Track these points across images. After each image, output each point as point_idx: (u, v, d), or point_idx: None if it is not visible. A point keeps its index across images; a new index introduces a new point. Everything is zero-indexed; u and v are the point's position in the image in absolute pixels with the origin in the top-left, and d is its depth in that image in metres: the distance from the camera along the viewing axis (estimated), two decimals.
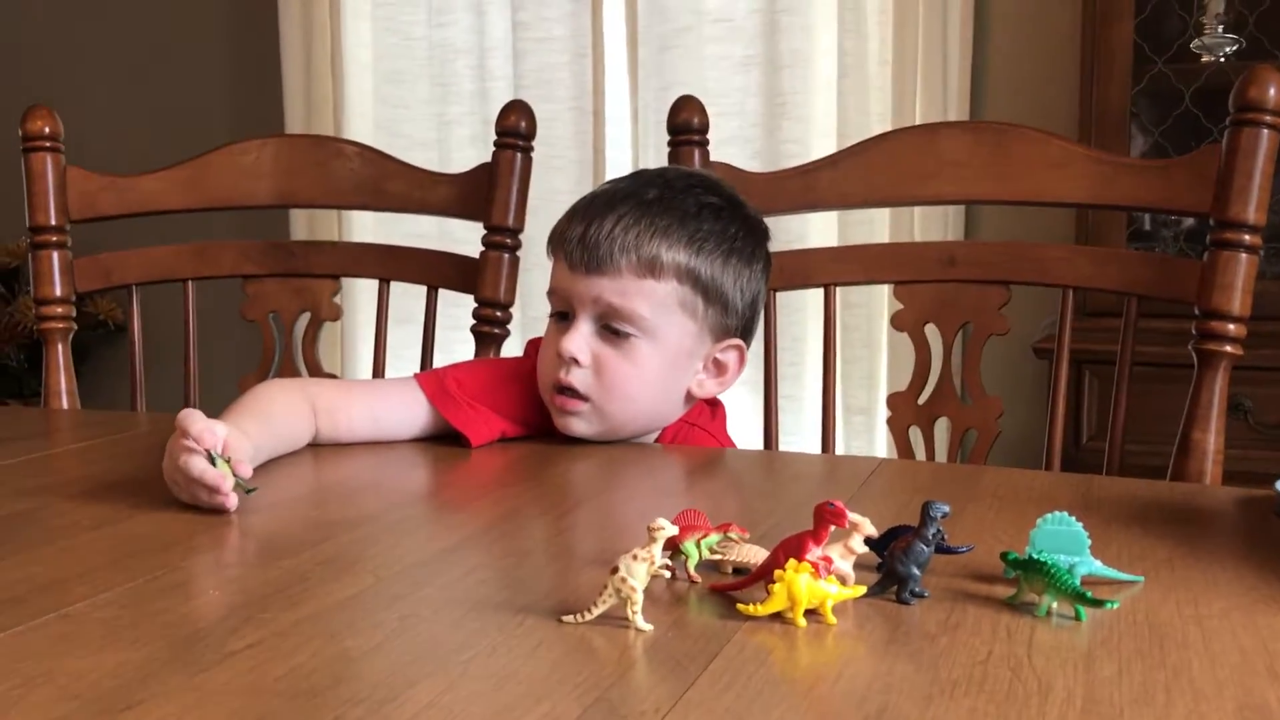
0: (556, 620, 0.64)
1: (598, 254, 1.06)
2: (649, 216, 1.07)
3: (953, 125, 1.63)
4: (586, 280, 1.07)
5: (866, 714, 0.53)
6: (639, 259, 1.06)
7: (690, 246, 1.07)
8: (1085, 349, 1.77)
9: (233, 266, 1.55)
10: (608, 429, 1.11)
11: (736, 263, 1.10)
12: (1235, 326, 1.16)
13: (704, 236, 1.08)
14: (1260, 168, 1.15)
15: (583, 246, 1.07)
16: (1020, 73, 2.32)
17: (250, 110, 2.86)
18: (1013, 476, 0.99)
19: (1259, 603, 0.68)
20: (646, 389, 1.10)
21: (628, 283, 1.06)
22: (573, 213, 1.11)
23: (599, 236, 1.06)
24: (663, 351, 1.08)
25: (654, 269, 1.06)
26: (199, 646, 0.61)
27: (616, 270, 1.06)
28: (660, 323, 1.07)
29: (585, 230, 1.07)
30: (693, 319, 1.09)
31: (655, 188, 1.09)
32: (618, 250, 1.05)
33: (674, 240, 1.06)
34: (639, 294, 1.06)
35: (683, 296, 1.07)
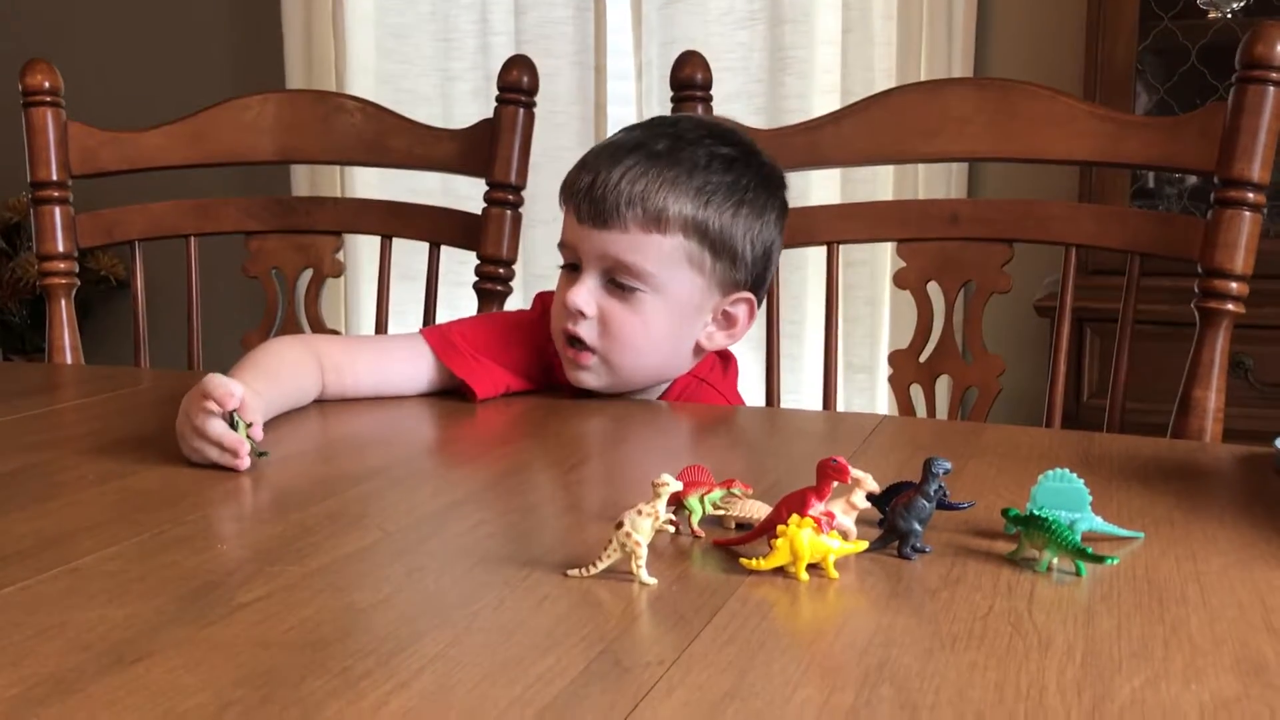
0: (562, 574, 0.65)
1: (604, 207, 1.05)
2: (656, 168, 1.06)
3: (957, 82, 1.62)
4: (593, 234, 1.06)
5: (867, 667, 0.54)
6: (645, 212, 1.05)
7: (698, 199, 1.06)
8: (1087, 307, 1.77)
9: (235, 223, 1.55)
10: (616, 381, 1.11)
11: (747, 214, 1.09)
12: (1238, 285, 1.16)
13: (713, 189, 1.07)
14: (1266, 125, 1.14)
15: (590, 199, 1.06)
16: (1026, 29, 2.31)
17: (251, 65, 2.85)
18: (1014, 434, 1.00)
19: (1257, 559, 0.69)
20: (654, 343, 1.09)
21: (634, 237, 1.05)
22: (583, 163, 1.11)
23: (605, 189, 1.05)
24: (670, 306, 1.08)
25: (660, 223, 1.05)
26: (208, 599, 0.62)
27: (622, 224, 1.05)
28: (667, 277, 1.07)
29: (593, 182, 1.06)
30: (700, 273, 1.08)
31: (666, 138, 1.08)
32: (624, 204, 1.05)
33: (681, 193, 1.05)
34: (645, 248, 1.05)
35: (690, 250, 1.07)
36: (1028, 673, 0.53)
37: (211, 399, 0.86)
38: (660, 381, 1.15)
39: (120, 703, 0.50)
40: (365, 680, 0.52)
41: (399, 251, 1.52)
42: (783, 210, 1.15)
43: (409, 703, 0.50)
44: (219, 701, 0.50)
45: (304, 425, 1.03)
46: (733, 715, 0.49)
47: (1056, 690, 0.52)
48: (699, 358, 1.15)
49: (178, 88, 2.82)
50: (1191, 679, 0.53)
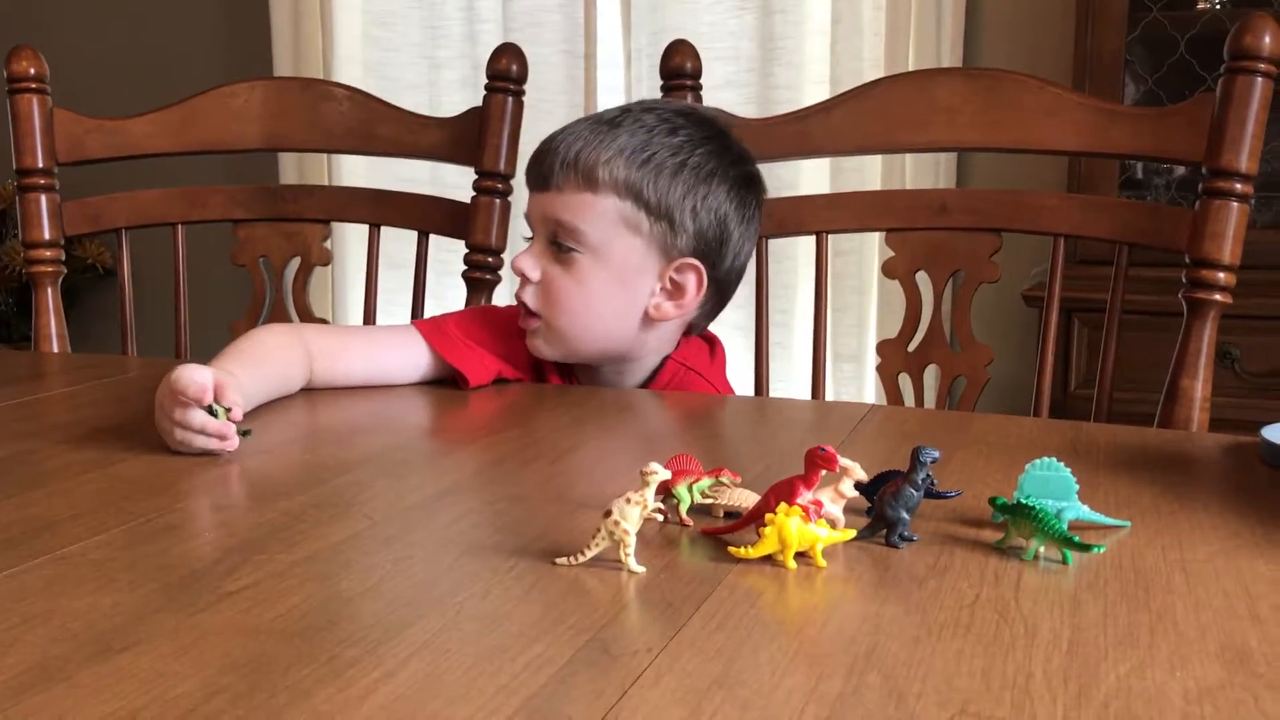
0: (550, 563, 0.65)
1: (543, 170, 1.09)
2: (599, 134, 1.08)
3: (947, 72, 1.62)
4: (538, 198, 1.11)
5: (855, 655, 0.54)
6: (579, 173, 1.07)
7: (633, 160, 1.07)
8: (1075, 297, 1.78)
9: (222, 211, 1.54)
10: (565, 349, 1.13)
11: (689, 178, 1.08)
12: (1225, 275, 1.16)
13: (651, 150, 1.08)
14: (1253, 116, 1.14)
15: (536, 165, 1.10)
16: (1015, 19, 2.31)
17: (238, 53, 2.83)
18: (1002, 423, 1.00)
19: (1242, 548, 0.69)
20: (593, 308, 1.10)
21: (568, 197, 1.08)
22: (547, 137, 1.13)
23: (546, 153, 1.09)
24: (608, 269, 1.09)
25: (593, 183, 1.07)
26: (194, 588, 0.62)
27: (559, 186, 1.08)
28: (603, 239, 1.08)
29: (540, 149, 1.10)
30: (638, 235, 1.09)
31: (625, 110, 1.11)
32: (560, 166, 1.08)
33: (615, 154, 1.07)
34: (579, 208, 1.08)
35: (625, 212, 1.08)
36: (1014, 661, 0.53)
37: (184, 395, 0.86)
38: (615, 353, 1.15)
39: (107, 691, 0.50)
40: (353, 668, 0.52)
41: (387, 240, 1.52)
42: (745, 185, 1.14)
43: (396, 690, 0.50)
44: (206, 689, 0.50)
45: (290, 413, 1.03)
46: (720, 703, 0.49)
47: (1043, 678, 0.52)
48: (657, 331, 1.15)
49: (165, 75, 2.80)
50: (1176, 666, 0.53)
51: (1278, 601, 0.61)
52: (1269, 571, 0.65)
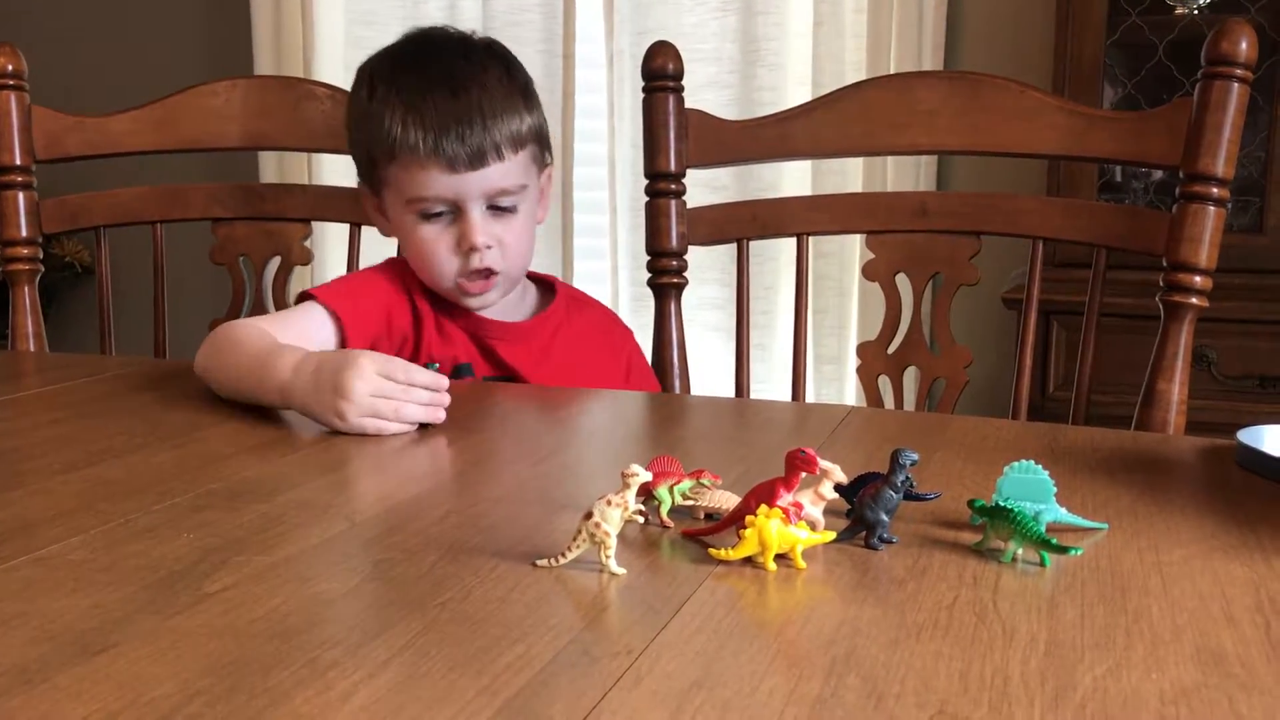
0: (530, 564, 0.65)
1: (480, 149, 1.15)
2: (490, 99, 1.16)
3: (927, 75, 1.63)
4: (471, 177, 1.15)
5: (834, 656, 0.54)
6: (509, 140, 1.16)
7: (528, 109, 1.19)
8: (1054, 299, 1.79)
9: (202, 209, 1.54)
10: (509, 287, 1.24)
11: (536, 98, 1.22)
12: (1201, 279, 1.17)
13: (527, 94, 1.20)
14: (1230, 121, 1.15)
15: (464, 146, 1.14)
16: (995, 22, 2.32)
17: (218, 51, 2.82)
18: (980, 425, 1.00)
19: (1217, 550, 0.70)
20: (531, 241, 1.24)
21: (509, 164, 1.17)
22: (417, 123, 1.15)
23: (473, 134, 1.14)
24: (531, 205, 1.22)
25: (520, 141, 1.18)
26: (174, 589, 0.62)
27: (499, 157, 1.16)
28: (529, 183, 1.21)
29: (457, 133, 1.14)
30: (539, 166, 1.23)
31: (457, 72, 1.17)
32: (496, 140, 1.15)
33: (520, 111, 1.18)
34: (514, 169, 1.18)
35: (534, 153, 1.21)
36: (992, 662, 0.54)
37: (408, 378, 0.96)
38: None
39: (86, 693, 0.50)
40: (333, 670, 0.52)
41: (368, 240, 1.51)
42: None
43: (377, 693, 0.50)
44: (186, 691, 0.50)
45: (270, 414, 1.02)
46: (700, 704, 0.50)
47: (1020, 679, 0.52)
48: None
49: (144, 73, 2.79)
50: (1152, 668, 0.54)
51: (1252, 603, 0.62)
52: (1244, 574, 0.66)
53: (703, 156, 1.34)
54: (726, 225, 1.36)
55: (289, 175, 2.63)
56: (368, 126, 1.18)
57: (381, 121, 1.16)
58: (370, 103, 1.18)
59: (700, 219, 1.36)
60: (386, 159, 1.17)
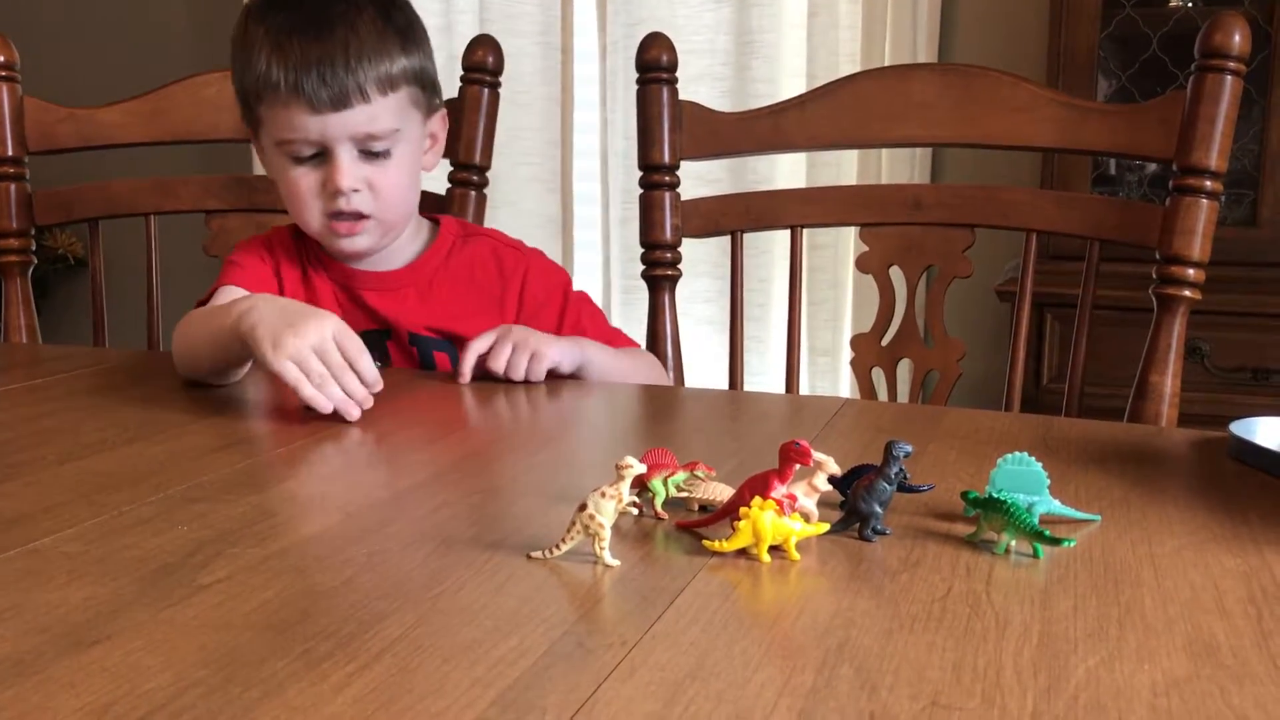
0: (524, 556, 0.65)
1: (344, 90, 1.12)
2: (359, 39, 1.13)
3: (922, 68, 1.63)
4: (337, 117, 1.13)
5: (828, 648, 0.54)
6: (376, 82, 1.13)
7: (404, 51, 1.16)
8: (1047, 292, 1.79)
9: (195, 201, 1.53)
10: (385, 233, 1.21)
11: (423, 40, 1.20)
12: (1195, 271, 1.17)
13: (406, 36, 1.17)
14: (1223, 114, 1.15)
15: (325, 87, 1.12)
16: (989, 14, 2.32)
17: (210, 42, 2.81)
18: (974, 417, 1.01)
19: (1209, 541, 0.70)
20: (410, 186, 1.21)
21: (377, 106, 1.14)
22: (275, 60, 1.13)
23: (335, 74, 1.12)
24: (412, 150, 1.20)
25: (392, 83, 1.15)
26: (167, 581, 0.62)
27: (365, 99, 1.13)
28: (405, 127, 1.18)
29: (319, 73, 1.12)
30: (420, 109, 1.20)
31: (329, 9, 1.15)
32: (361, 81, 1.12)
33: (393, 52, 1.15)
34: (386, 112, 1.15)
35: (413, 96, 1.18)
36: (985, 653, 0.54)
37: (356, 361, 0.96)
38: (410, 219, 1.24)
39: (80, 685, 0.50)
40: (327, 662, 0.52)
41: None
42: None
43: (370, 684, 0.50)
44: (179, 683, 0.50)
45: (261, 406, 1.02)
46: (694, 695, 0.50)
47: (1013, 670, 0.52)
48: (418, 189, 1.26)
49: (136, 64, 2.78)
50: (1145, 659, 0.54)
51: (1244, 595, 0.62)
52: (1236, 565, 0.66)
53: (697, 149, 1.34)
54: (720, 217, 1.36)
55: None
56: (239, 65, 1.17)
57: (250, 60, 1.15)
58: (243, 41, 1.17)
59: (694, 211, 1.36)
60: (256, 99, 1.16)
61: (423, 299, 1.24)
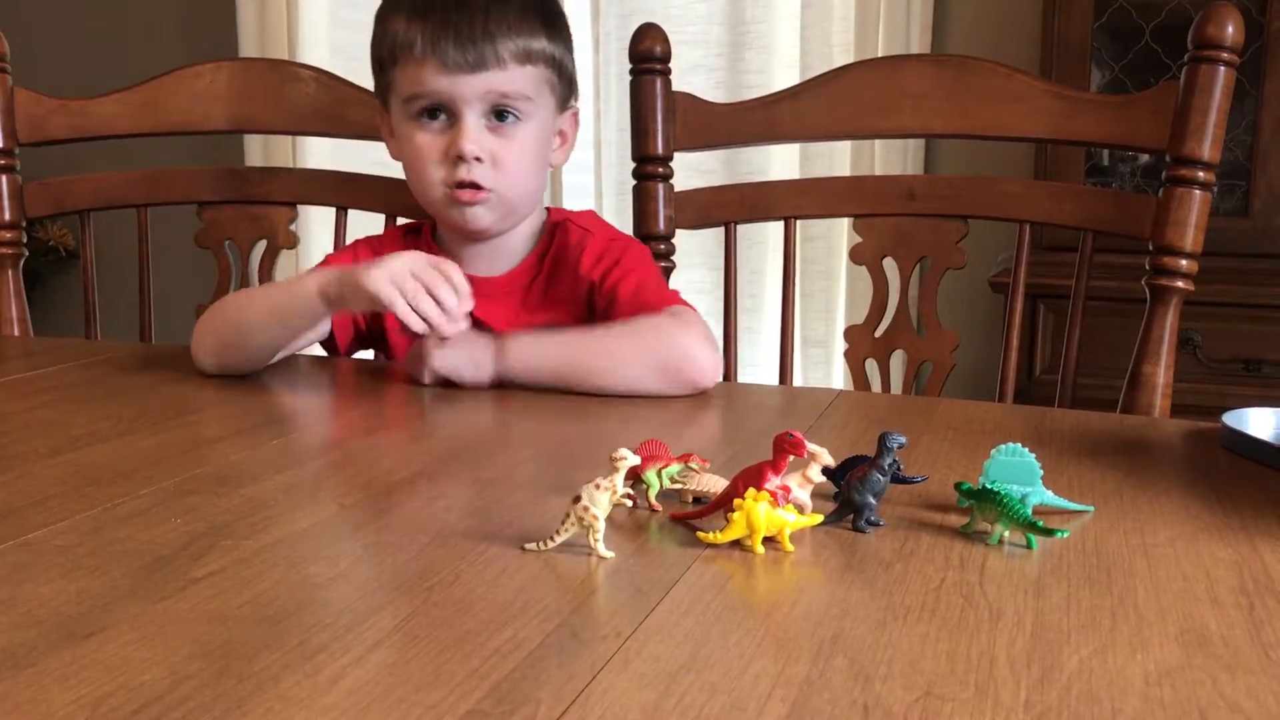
0: (519, 548, 0.65)
1: (481, 54, 1.11)
2: (501, 10, 1.13)
3: (915, 58, 1.63)
4: (469, 79, 1.12)
5: (822, 639, 0.54)
6: (514, 52, 1.12)
7: (546, 34, 1.15)
8: (1040, 283, 1.79)
9: (187, 193, 1.53)
10: (506, 215, 1.18)
11: (566, 34, 1.20)
12: (1188, 262, 1.17)
13: (550, 23, 1.17)
14: (1216, 105, 1.15)
15: (461, 50, 1.11)
16: (983, 5, 2.31)
17: (203, 33, 2.80)
18: (967, 408, 1.01)
19: (1202, 532, 0.70)
20: (534, 169, 1.18)
21: (513, 73, 1.13)
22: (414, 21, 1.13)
23: (474, 36, 1.11)
24: (539, 132, 1.18)
25: (530, 57, 1.14)
26: (161, 574, 0.62)
27: (501, 63, 1.12)
28: (537, 100, 1.16)
29: (456, 34, 1.11)
30: (554, 97, 1.19)
31: None
32: (499, 48, 1.12)
33: (535, 30, 1.14)
34: (523, 81, 1.14)
35: (549, 79, 1.17)
36: (979, 644, 0.54)
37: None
38: (529, 213, 1.22)
39: (73, 677, 0.50)
40: (321, 654, 0.52)
41: (354, 223, 1.51)
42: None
43: (365, 676, 0.50)
44: (173, 676, 0.50)
45: (256, 397, 1.02)
46: (688, 686, 0.50)
47: (1006, 661, 0.52)
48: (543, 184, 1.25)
49: (128, 55, 2.76)
50: (1137, 649, 0.54)
51: (1236, 584, 0.62)
52: (1228, 555, 0.66)
53: (690, 140, 1.34)
54: (714, 209, 1.36)
55: (274, 158, 2.61)
56: (379, 33, 1.17)
57: (388, 25, 1.15)
58: (384, 7, 1.18)
59: (688, 202, 1.36)
60: (391, 62, 1.16)
61: (523, 303, 1.21)
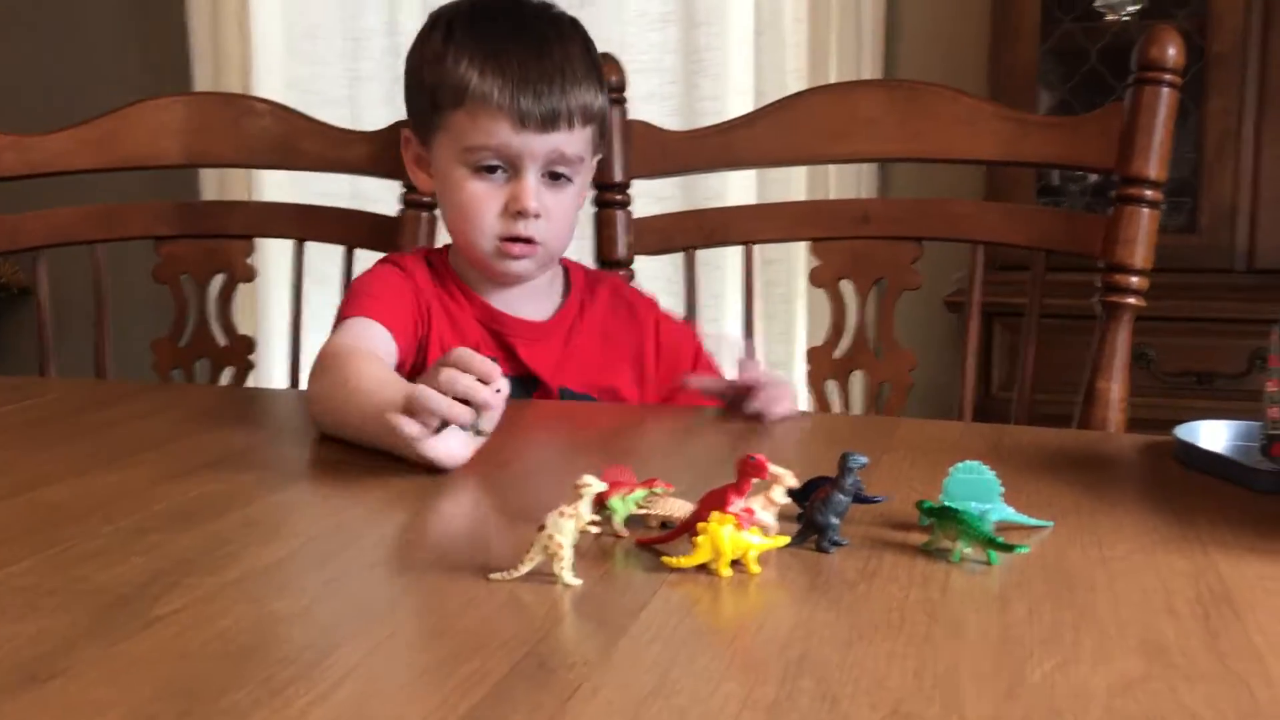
0: (484, 578, 0.65)
1: (555, 112, 1.11)
2: (573, 67, 1.12)
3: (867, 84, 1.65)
4: (538, 138, 1.11)
5: (788, 660, 0.55)
6: (581, 111, 1.13)
7: (599, 85, 1.16)
8: (995, 302, 1.81)
9: (143, 228, 1.52)
10: (546, 263, 1.19)
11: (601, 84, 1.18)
12: (1138, 279, 1.19)
13: (600, 76, 1.17)
14: (1161, 124, 1.18)
15: (539, 105, 1.10)
16: (932, 30, 2.35)
17: (156, 67, 2.78)
18: (926, 427, 1.02)
19: (1159, 544, 0.71)
20: (575, 223, 1.19)
21: (576, 134, 1.13)
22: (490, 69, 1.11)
23: (551, 95, 1.11)
24: (583, 185, 1.19)
25: (590, 116, 1.15)
26: (122, 613, 0.61)
27: (570, 123, 1.12)
28: (585, 165, 1.17)
29: (535, 91, 1.10)
30: (596, 150, 1.20)
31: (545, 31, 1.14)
32: (572, 107, 1.12)
33: (595, 86, 1.15)
34: (580, 140, 1.14)
35: (595, 135, 1.18)
36: (944, 660, 0.55)
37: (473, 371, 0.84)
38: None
39: None
40: (287, 690, 0.52)
41: (312, 255, 1.51)
42: None
43: (331, 712, 0.50)
44: (137, 716, 0.50)
45: (215, 434, 1.01)
46: (657, 713, 0.50)
47: (971, 677, 0.53)
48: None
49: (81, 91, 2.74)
50: (1099, 662, 0.55)
51: (1193, 595, 0.63)
52: (1185, 566, 0.67)
53: (647, 167, 1.35)
54: (673, 235, 1.37)
55: (230, 192, 2.60)
56: (438, 68, 1.13)
57: (457, 65, 1.11)
58: (445, 45, 1.13)
59: (647, 229, 1.37)
60: (453, 104, 1.12)
61: (566, 351, 1.20)
